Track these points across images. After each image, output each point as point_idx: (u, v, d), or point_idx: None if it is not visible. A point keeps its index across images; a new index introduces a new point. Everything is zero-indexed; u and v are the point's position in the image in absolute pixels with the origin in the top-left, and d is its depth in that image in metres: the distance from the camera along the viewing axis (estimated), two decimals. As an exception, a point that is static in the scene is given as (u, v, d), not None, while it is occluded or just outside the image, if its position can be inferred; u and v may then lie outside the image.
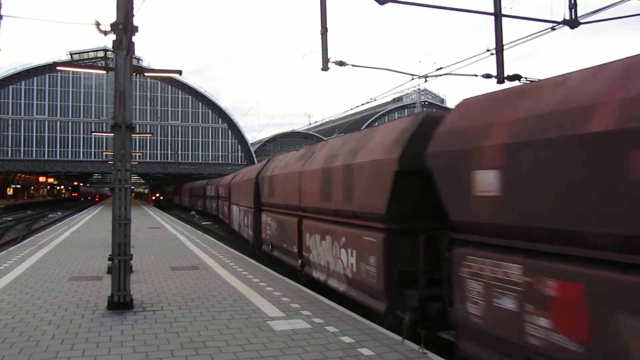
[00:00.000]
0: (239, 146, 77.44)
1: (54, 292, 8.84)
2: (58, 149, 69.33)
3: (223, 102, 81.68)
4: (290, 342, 5.99)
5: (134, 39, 7.76)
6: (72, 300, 8.21)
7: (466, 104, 5.75)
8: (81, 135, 70.21)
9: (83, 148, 70.35)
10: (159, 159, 72.81)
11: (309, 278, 10.29)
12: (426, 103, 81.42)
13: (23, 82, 67.81)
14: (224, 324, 6.83)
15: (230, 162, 74.52)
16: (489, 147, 4.78)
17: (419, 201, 6.49)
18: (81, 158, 70.03)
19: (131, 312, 7.43)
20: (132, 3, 7.77)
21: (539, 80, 5.43)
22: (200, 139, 76.31)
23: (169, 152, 73.98)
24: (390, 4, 8.41)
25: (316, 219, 9.84)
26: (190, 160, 74.70)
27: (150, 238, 18.75)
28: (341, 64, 9.47)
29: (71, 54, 65.18)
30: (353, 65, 9.87)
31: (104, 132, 59.96)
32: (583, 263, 3.80)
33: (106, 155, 58.73)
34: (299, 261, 10.85)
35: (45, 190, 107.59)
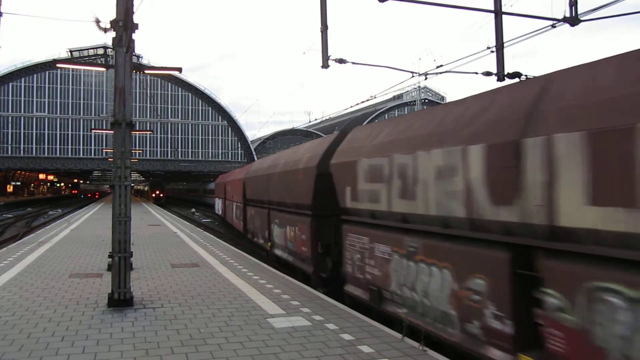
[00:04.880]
0: (239, 144, 77.41)
1: (54, 289, 8.86)
2: (58, 146, 69.30)
3: (223, 100, 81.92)
4: (290, 340, 6.00)
5: (134, 36, 7.75)
6: (72, 297, 8.23)
7: None
8: (81, 133, 70.18)
9: (83, 145, 70.31)
10: (158, 157, 72.81)
11: None
12: (426, 101, 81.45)
13: (23, 79, 67.74)
14: (224, 321, 6.84)
15: (230, 159, 74.52)
16: None
17: None
18: (81, 155, 70.01)
19: (131, 310, 7.44)
20: (132, 0, 7.75)
21: None
22: (200, 137, 76.28)
23: (169, 149, 73.98)
24: (390, 1, 8.41)
25: None
26: (190, 158, 74.69)
27: (151, 235, 18.75)
28: (341, 61, 9.48)
29: (71, 51, 65.10)
30: (353, 63, 9.88)
31: (104, 130, 60.06)
32: None
33: (106, 152, 58.68)
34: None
35: (45, 187, 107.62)
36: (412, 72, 10.76)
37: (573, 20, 8.33)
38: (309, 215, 10.38)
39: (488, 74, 9.35)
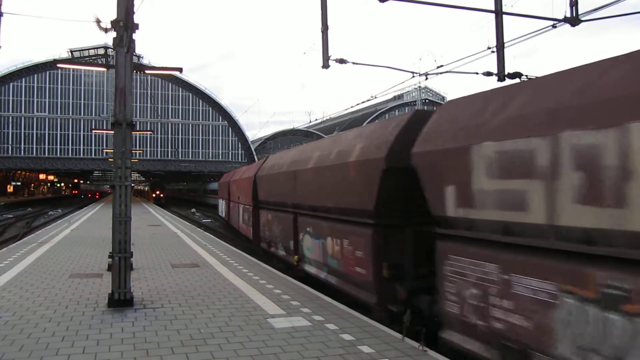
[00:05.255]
0: (239, 144, 77.44)
1: (55, 289, 8.85)
2: (58, 147, 69.35)
3: (223, 100, 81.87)
4: (291, 340, 6.00)
5: (134, 36, 7.75)
6: (72, 297, 8.22)
7: None
8: (81, 133, 70.22)
9: (83, 145, 70.35)
10: (159, 157, 72.84)
11: None
12: (427, 101, 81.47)
13: (23, 80, 67.78)
14: (224, 321, 6.84)
15: (230, 159, 74.55)
16: None
17: None
18: (81, 155, 70.06)
19: (131, 310, 7.43)
20: (133, 0, 7.76)
21: None
22: (200, 137, 76.31)
23: (169, 149, 74.01)
24: (390, 2, 8.40)
25: None
26: (190, 158, 74.73)
27: (151, 235, 18.75)
28: (342, 61, 9.48)
29: (72, 52, 65.11)
30: (354, 63, 9.88)
31: (105, 130, 60.05)
32: None
33: (106, 152, 58.70)
34: None
35: (45, 187, 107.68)
36: (412, 72, 10.77)
37: (574, 20, 8.33)
38: (370, 225, 7.47)
39: (489, 74, 9.36)
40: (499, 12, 8.86)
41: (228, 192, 25.38)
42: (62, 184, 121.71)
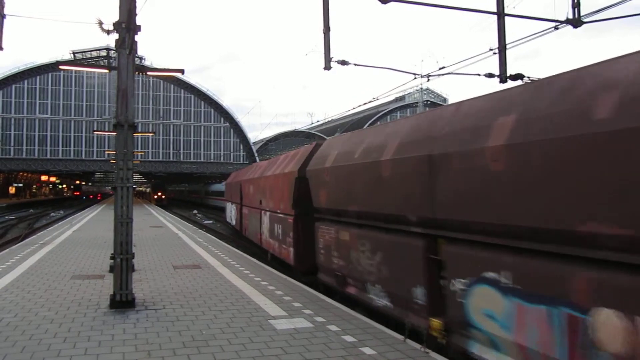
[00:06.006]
0: (241, 145, 77.50)
1: (56, 290, 8.86)
2: (60, 148, 69.48)
3: (225, 101, 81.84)
4: (292, 341, 5.99)
5: (136, 38, 7.77)
6: (74, 298, 8.23)
7: None
8: (83, 134, 70.34)
9: (85, 147, 70.48)
10: (161, 158, 72.93)
11: None
12: (428, 102, 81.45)
13: (26, 81, 67.94)
14: (226, 322, 6.84)
15: (232, 161, 74.62)
16: None
17: None
18: (83, 157, 70.19)
19: (133, 311, 7.43)
20: (135, 2, 7.77)
21: None
22: (202, 138, 76.39)
23: (171, 151, 74.09)
24: (392, 3, 8.41)
25: None
26: (192, 160, 74.81)
27: (153, 237, 18.76)
28: (343, 63, 9.50)
29: (74, 53, 65.21)
30: (355, 65, 9.89)
31: (106, 131, 60.15)
32: None
33: (108, 154, 58.77)
34: None
35: (47, 189, 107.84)
36: (414, 74, 10.78)
37: (576, 21, 8.32)
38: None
39: (490, 75, 9.35)
40: (501, 14, 8.86)
41: (240, 194, 20.72)
42: (64, 186, 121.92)
